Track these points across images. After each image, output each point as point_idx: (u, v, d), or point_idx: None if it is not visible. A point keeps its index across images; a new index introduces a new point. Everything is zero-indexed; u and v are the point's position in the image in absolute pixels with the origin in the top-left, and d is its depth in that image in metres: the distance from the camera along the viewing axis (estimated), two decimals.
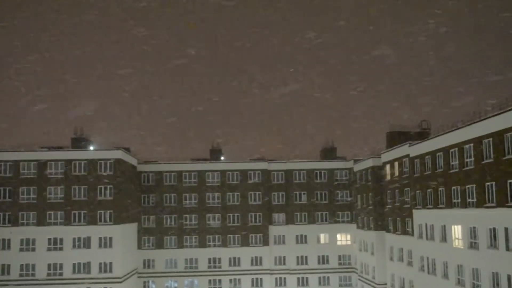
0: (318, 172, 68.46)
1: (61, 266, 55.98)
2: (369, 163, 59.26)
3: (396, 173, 51.62)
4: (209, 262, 65.71)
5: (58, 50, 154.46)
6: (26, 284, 55.29)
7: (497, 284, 33.07)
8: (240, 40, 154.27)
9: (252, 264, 66.10)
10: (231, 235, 66.54)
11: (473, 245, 36.27)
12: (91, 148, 61.47)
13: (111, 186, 57.14)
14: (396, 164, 51.72)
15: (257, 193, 67.41)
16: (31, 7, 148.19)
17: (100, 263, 56.14)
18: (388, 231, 54.50)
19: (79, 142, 61.74)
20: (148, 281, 65.22)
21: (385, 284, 54.99)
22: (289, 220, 67.77)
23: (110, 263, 56.13)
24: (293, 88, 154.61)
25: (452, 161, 39.04)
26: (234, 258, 66.03)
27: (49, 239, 56.43)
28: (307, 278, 66.42)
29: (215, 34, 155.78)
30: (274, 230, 67.64)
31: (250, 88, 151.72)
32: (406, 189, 49.19)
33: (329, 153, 71.90)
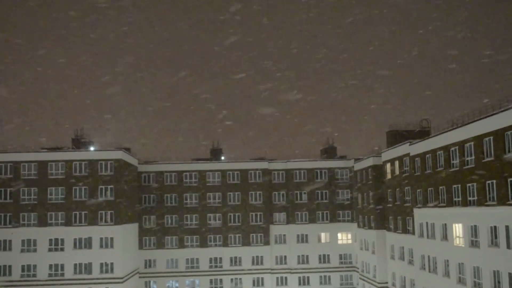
0: (318, 171, 68.42)
1: (62, 266, 56.00)
2: (369, 162, 59.24)
3: (397, 172, 51.61)
4: (210, 262, 65.72)
5: (58, 49, 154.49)
6: (27, 285, 55.32)
7: (498, 282, 33.07)
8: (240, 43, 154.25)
9: (253, 263, 66.10)
10: (232, 235, 66.53)
11: (474, 244, 36.27)
12: (92, 148, 61.45)
13: (111, 186, 57.12)
14: (396, 163, 51.70)
15: (257, 192, 67.39)
16: (32, 5, 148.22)
17: (101, 264, 56.15)
18: (389, 230, 54.49)
19: (79, 143, 61.72)
20: (149, 281, 65.22)
21: (386, 283, 54.99)
22: (290, 220, 67.77)
23: (111, 264, 56.13)
24: (293, 86, 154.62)
25: (453, 160, 39.03)
26: (235, 257, 66.03)
27: (50, 240, 56.46)
28: (308, 277, 66.42)
29: (215, 35, 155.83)
30: (275, 230, 67.63)
31: (251, 87, 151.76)
32: (406, 187, 49.18)
33: (329, 152, 71.85)
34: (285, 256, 67.22)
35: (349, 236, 67.69)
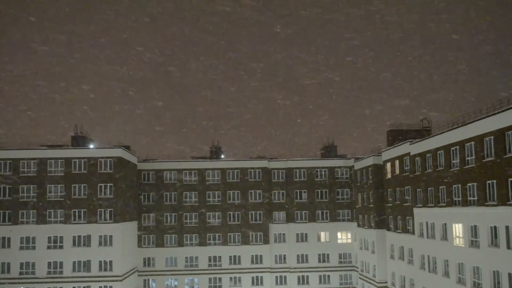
0: (318, 170, 68.27)
1: (61, 264, 55.96)
2: (369, 161, 59.08)
3: (397, 171, 51.47)
4: (209, 261, 65.61)
5: (58, 47, 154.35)
6: (26, 283, 55.28)
7: (498, 282, 32.95)
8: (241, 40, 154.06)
9: (252, 262, 65.98)
10: (232, 234, 66.41)
11: (474, 244, 36.14)
12: (91, 146, 61.35)
13: (111, 184, 57.04)
14: (397, 162, 51.55)
15: (257, 191, 67.27)
16: (34, 4, 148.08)
17: (100, 262, 56.07)
18: (388, 229, 54.36)
19: (79, 140, 61.62)
20: (148, 280, 65.13)
21: (386, 282, 54.87)
22: (290, 219, 67.64)
23: (110, 262, 56.05)
24: (294, 85, 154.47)
25: (453, 159, 38.90)
26: (235, 256, 65.92)
27: (49, 238, 56.40)
28: (307, 276, 66.31)
29: (216, 34, 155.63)
30: (275, 229, 67.50)
31: (250, 85, 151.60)
32: (406, 187, 49.04)
33: (329, 151, 71.72)
34: (285, 255, 67.11)
35: (349, 235, 67.54)
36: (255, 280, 65.50)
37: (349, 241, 67.43)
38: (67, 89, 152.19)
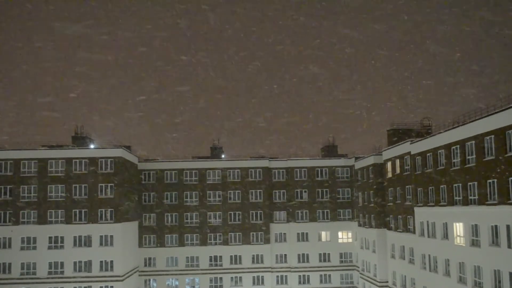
0: (319, 169, 68.25)
1: (62, 264, 56.01)
2: (370, 160, 59.07)
3: (398, 171, 51.44)
4: (210, 260, 65.63)
5: (58, 47, 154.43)
6: (27, 283, 55.33)
7: (499, 282, 32.95)
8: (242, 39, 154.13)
9: (253, 262, 65.99)
10: (232, 233, 66.42)
11: (474, 243, 36.12)
12: (92, 146, 61.38)
13: (111, 184, 57.07)
14: (397, 161, 51.53)
15: (258, 191, 67.27)
16: (35, 8, 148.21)
17: (101, 262, 56.10)
18: (389, 228, 54.35)
19: (79, 141, 61.66)
20: (149, 280, 65.15)
21: (387, 281, 54.87)
22: (290, 218, 67.64)
23: (111, 262, 56.08)
24: (293, 85, 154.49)
25: (454, 159, 38.87)
26: (235, 256, 65.94)
27: (50, 238, 56.45)
28: (308, 276, 66.31)
29: (218, 33, 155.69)
30: (275, 228, 67.51)
31: (250, 85, 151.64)
32: (407, 186, 49.02)
33: (330, 151, 71.72)
34: (285, 255, 67.10)
35: (350, 234, 67.53)
36: (256, 280, 65.52)
37: (350, 240, 67.42)
38: (67, 88, 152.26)
